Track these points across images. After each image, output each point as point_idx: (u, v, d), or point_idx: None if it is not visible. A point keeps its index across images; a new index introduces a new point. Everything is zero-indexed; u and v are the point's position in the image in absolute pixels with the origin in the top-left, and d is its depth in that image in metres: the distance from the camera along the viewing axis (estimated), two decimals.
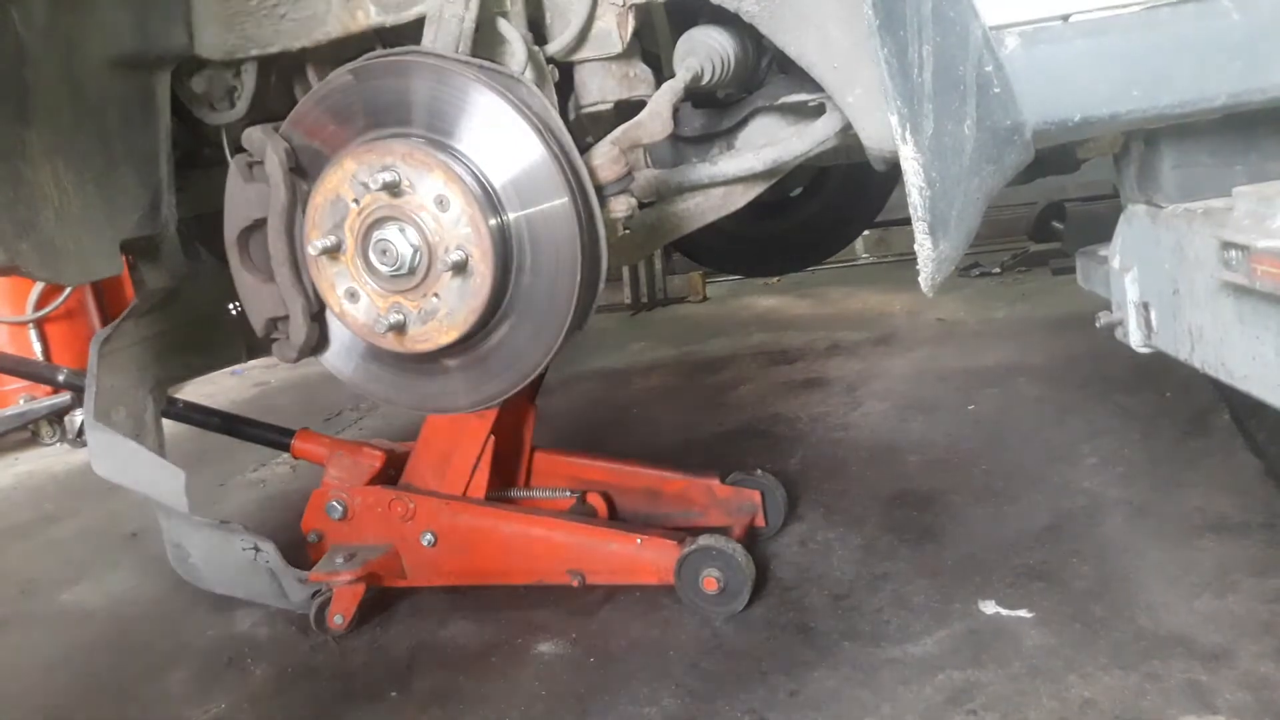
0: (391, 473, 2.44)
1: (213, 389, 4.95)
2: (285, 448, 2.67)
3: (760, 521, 2.48)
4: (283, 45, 1.68)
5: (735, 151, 1.86)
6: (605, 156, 1.62)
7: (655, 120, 1.64)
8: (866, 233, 5.58)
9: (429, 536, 2.30)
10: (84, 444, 2.34)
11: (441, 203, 1.51)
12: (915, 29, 1.36)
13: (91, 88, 1.64)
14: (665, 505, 2.53)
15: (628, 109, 1.72)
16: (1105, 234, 1.71)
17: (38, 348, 4.67)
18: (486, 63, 1.57)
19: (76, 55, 1.61)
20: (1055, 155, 1.93)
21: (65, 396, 4.07)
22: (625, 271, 5.89)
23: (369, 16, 1.63)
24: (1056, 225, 2.75)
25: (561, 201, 1.53)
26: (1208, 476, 2.46)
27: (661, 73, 1.81)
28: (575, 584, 2.26)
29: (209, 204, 1.87)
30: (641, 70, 1.76)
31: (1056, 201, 2.87)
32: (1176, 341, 1.50)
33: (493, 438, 2.33)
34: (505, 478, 2.51)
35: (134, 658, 2.36)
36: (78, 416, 4.31)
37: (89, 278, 1.68)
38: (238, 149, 1.69)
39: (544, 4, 1.71)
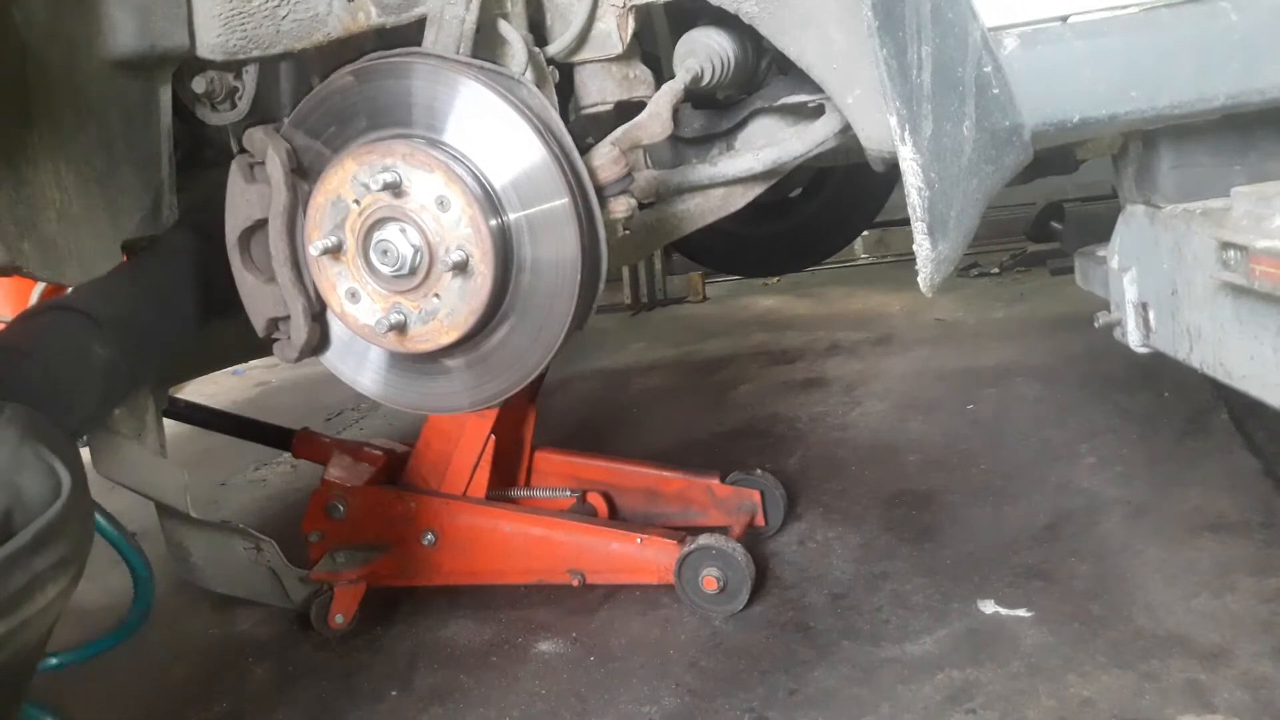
0: (392, 473, 2.44)
1: (214, 389, 4.96)
2: (286, 447, 2.67)
3: (760, 521, 2.48)
4: (284, 46, 1.68)
5: (735, 152, 1.86)
6: (605, 157, 1.62)
7: (655, 121, 1.64)
8: (866, 233, 5.59)
9: (429, 536, 2.30)
10: (85, 443, 2.35)
11: (442, 203, 1.52)
12: (914, 30, 1.36)
13: (93, 88, 1.64)
14: (665, 505, 2.53)
15: (628, 110, 1.72)
16: (1104, 234, 1.72)
17: None
18: (487, 64, 1.57)
19: (78, 56, 1.61)
20: (1054, 156, 1.94)
21: None
22: (625, 272, 5.89)
23: (370, 18, 1.63)
24: (1055, 226, 2.75)
25: (562, 202, 1.54)
26: (1206, 476, 2.46)
27: (661, 74, 1.81)
28: (575, 583, 2.26)
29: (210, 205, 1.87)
30: (641, 71, 1.76)
31: (1055, 202, 2.87)
32: (1175, 341, 1.51)
33: (493, 437, 2.33)
34: (505, 477, 2.51)
35: (135, 657, 2.36)
36: None
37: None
38: (240, 150, 1.69)
39: (544, 5, 1.71)
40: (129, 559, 1.89)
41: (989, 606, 2.05)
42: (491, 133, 1.54)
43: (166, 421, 2.41)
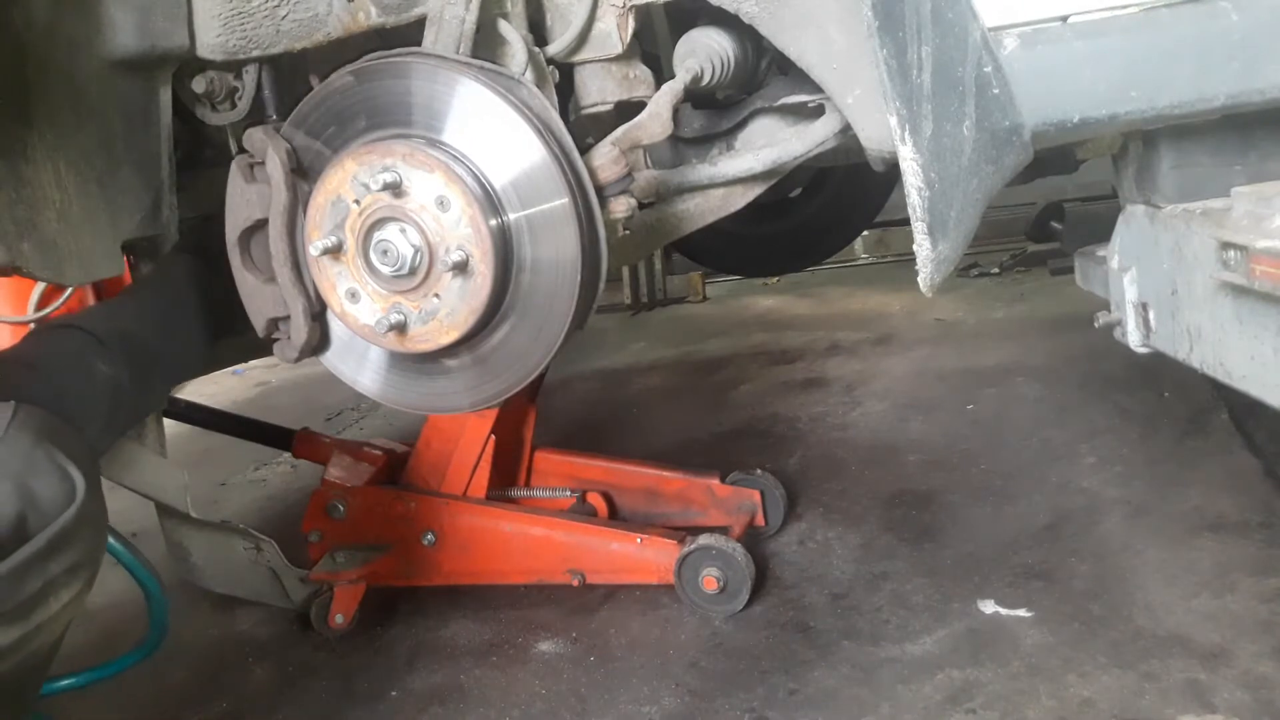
0: (392, 473, 2.44)
1: (214, 389, 4.96)
2: (286, 447, 2.67)
3: (760, 521, 2.48)
4: (284, 46, 1.68)
5: (735, 152, 1.86)
6: (605, 157, 1.62)
7: (655, 121, 1.64)
8: (866, 233, 5.59)
9: (429, 536, 2.30)
10: None
11: (442, 203, 1.52)
12: (914, 30, 1.36)
13: (93, 88, 1.65)
14: (665, 505, 2.53)
15: (628, 110, 1.72)
16: (1104, 234, 1.72)
17: None
18: (487, 64, 1.57)
19: (78, 56, 1.61)
20: (1054, 156, 1.94)
21: None
22: (625, 272, 5.89)
23: (370, 18, 1.63)
24: (1055, 226, 2.75)
25: (562, 202, 1.54)
26: (1206, 476, 2.46)
27: (661, 74, 1.81)
28: (575, 583, 2.26)
29: (210, 204, 1.87)
30: (641, 71, 1.77)
31: (1055, 202, 2.87)
32: (1175, 341, 1.51)
33: (493, 437, 2.33)
34: (505, 477, 2.51)
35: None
36: None
37: (91, 278, 1.68)
38: (240, 150, 1.69)
39: (544, 5, 1.71)
40: (141, 579, 1.93)
41: (989, 606, 2.05)
42: (491, 133, 1.54)
43: (166, 421, 2.41)
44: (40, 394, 1.49)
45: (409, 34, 1.62)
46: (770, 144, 1.81)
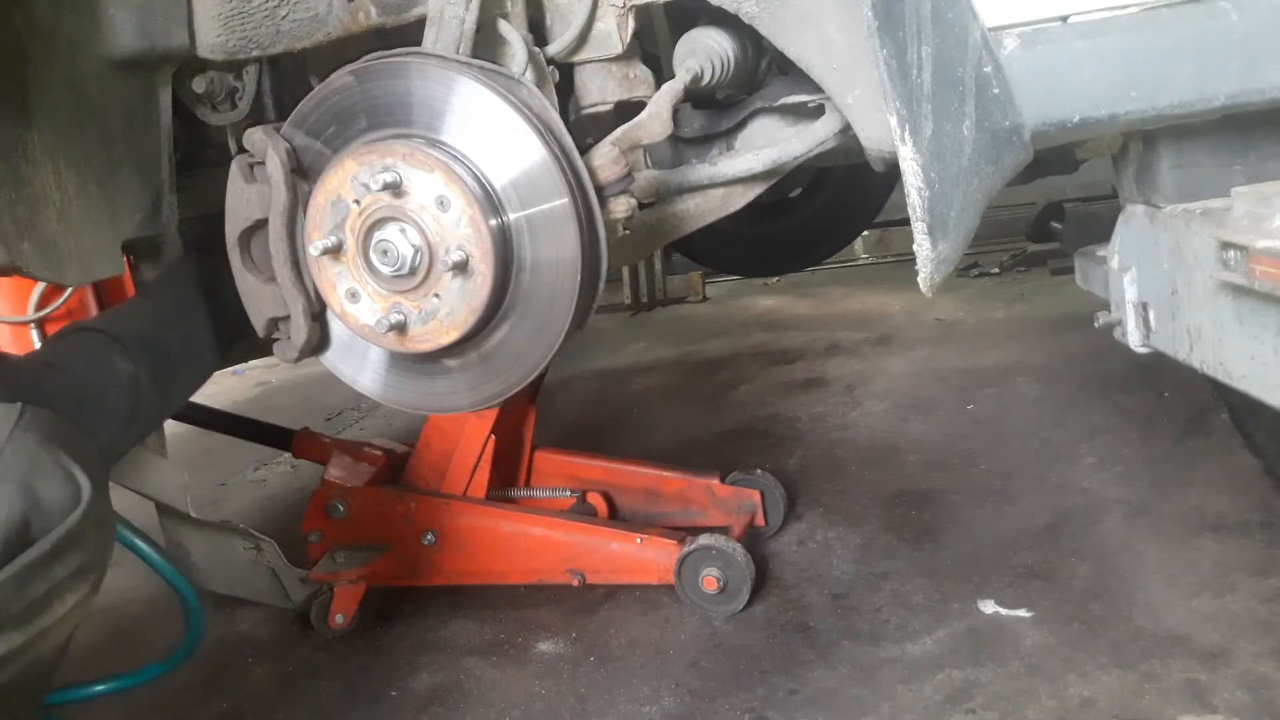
0: (392, 473, 2.44)
1: (214, 389, 4.95)
2: (286, 447, 2.67)
3: (760, 521, 2.48)
4: (284, 46, 1.68)
5: (735, 152, 1.86)
6: (605, 157, 1.62)
7: (655, 121, 1.64)
8: (866, 233, 5.59)
9: (429, 536, 2.30)
10: None
11: (442, 203, 1.52)
12: (914, 30, 1.36)
13: (93, 88, 1.64)
14: (665, 505, 2.54)
15: (628, 110, 1.72)
16: (1104, 234, 1.72)
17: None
18: (487, 64, 1.57)
19: (78, 56, 1.61)
20: (1054, 156, 1.94)
21: None
22: (625, 272, 5.89)
23: (370, 18, 1.63)
24: (1055, 226, 2.75)
25: (562, 202, 1.54)
26: (1206, 476, 2.46)
27: (661, 74, 1.81)
28: (575, 583, 2.26)
29: (210, 204, 1.88)
30: (641, 71, 1.76)
31: (1055, 202, 2.88)
32: (1175, 341, 1.51)
33: (493, 437, 2.33)
34: (505, 477, 2.51)
35: (135, 658, 2.36)
36: None
37: (90, 278, 1.68)
38: (240, 150, 1.69)
39: (544, 5, 1.71)
40: (180, 589, 1.97)
41: (989, 606, 2.06)
42: (491, 133, 1.54)
43: (166, 421, 2.41)
44: (60, 391, 1.50)
45: (409, 34, 1.62)
46: (770, 144, 1.81)
